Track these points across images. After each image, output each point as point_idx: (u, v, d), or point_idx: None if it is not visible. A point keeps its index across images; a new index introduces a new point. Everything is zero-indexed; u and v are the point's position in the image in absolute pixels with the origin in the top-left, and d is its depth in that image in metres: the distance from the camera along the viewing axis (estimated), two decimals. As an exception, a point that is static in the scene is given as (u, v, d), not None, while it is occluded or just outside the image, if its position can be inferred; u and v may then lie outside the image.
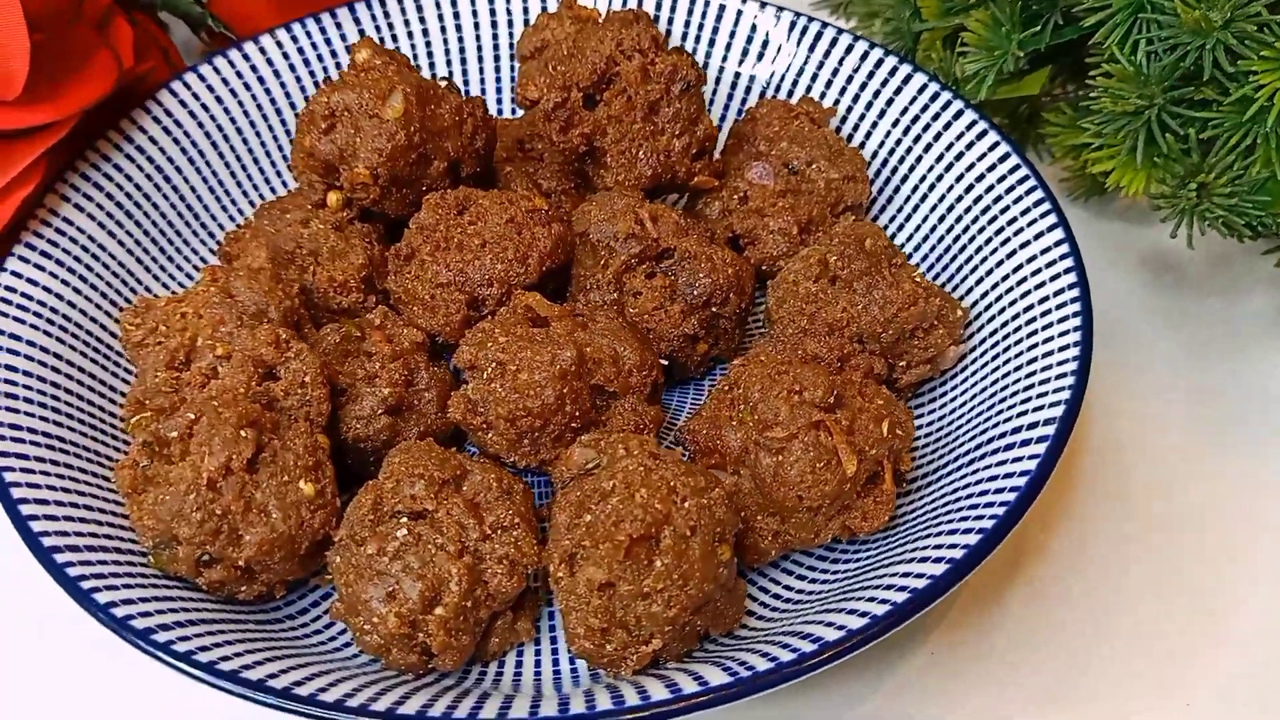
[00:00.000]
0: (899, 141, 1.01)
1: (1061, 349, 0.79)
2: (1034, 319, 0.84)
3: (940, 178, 0.98)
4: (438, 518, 0.72)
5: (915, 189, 0.99)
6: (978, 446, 0.79)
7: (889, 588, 0.68)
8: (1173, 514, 0.87)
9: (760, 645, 0.68)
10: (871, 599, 0.68)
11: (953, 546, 0.69)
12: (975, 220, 0.94)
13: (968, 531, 0.69)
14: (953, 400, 0.86)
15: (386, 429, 0.81)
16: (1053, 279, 0.85)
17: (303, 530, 0.72)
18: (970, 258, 0.93)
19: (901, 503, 0.79)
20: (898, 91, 1.02)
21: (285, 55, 1.06)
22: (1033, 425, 0.76)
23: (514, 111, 1.12)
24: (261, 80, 1.05)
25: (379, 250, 0.92)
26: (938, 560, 0.68)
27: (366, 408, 0.81)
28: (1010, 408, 0.79)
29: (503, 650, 0.75)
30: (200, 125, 1.02)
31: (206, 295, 0.82)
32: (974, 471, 0.76)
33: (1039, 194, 0.90)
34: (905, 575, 0.69)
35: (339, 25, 1.08)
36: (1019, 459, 0.74)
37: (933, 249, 0.97)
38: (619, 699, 0.64)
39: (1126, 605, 0.82)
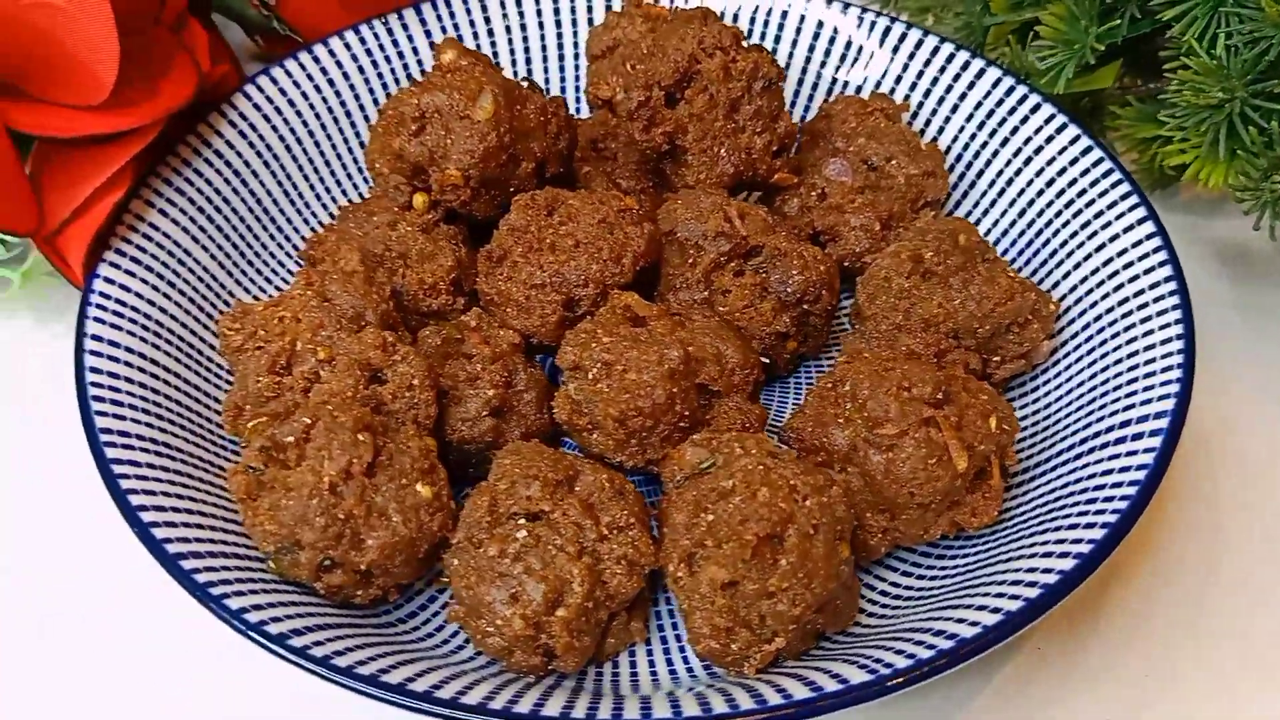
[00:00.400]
0: (973, 136, 1.02)
1: (1164, 341, 0.80)
2: (1130, 312, 0.84)
3: (1019, 171, 0.98)
4: (554, 519, 0.72)
5: (992, 183, 1.00)
6: (1083, 441, 0.79)
7: (1016, 583, 0.68)
8: (1264, 510, 0.87)
9: (888, 642, 0.68)
10: (1000, 594, 0.68)
11: (1077, 541, 0.69)
12: (1059, 214, 0.94)
13: (1090, 526, 0.70)
14: (1049, 395, 0.86)
15: (490, 430, 0.81)
16: (1147, 272, 0.85)
17: (422, 533, 0.72)
18: (1054, 251, 0.93)
19: (1007, 498, 0.79)
20: (971, 86, 1.02)
21: (354, 57, 1.06)
22: (1143, 419, 0.76)
23: (579, 110, 1.11)
24: (331, 83, 1.05)
25: (465, 252, 0.92)
26: (1063, 555, 0.68)
27: (471, 409, 0.81)
28: (1115, 401, 0.79)
29: (617, 650, 0.75)
30: (274, 129, 1.01)
31: (304, 299, 0.82)
32: (1084, 466, 0.77)
33: (1125, 186, 0.90)
34: (1031, 571, 0.69)
35: (405, 26, 1.08)
36: (1133, 452, 0.74)
37: (1013, 243, 0.97)
38: (760, 699, 0.64)
39: (1225, 601, 0.83)
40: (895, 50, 1.06)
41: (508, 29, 1.11)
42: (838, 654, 0.70)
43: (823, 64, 1.09)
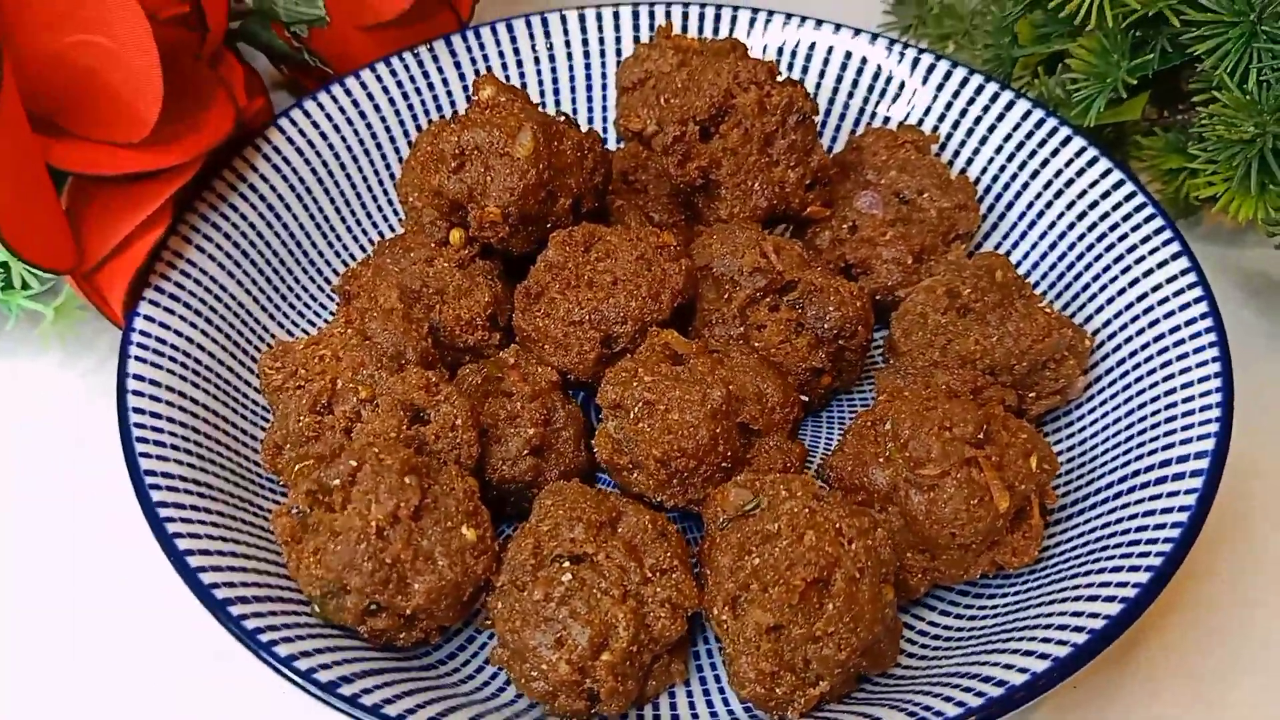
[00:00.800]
0: (1003, 168, 1.02)
1: (1202, 379, 0.80)
2: (1166, 349, 0.84)
3: (1050, 204, 0.98)
4: (599, 561, 0.72)
5: (1023, 215, 1.00)
6: (1122, 479, 0.79)
7: (1062, 628, 0.69)
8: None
9: (934, 688, 0.68)
10: (1046, 639, 0.68)
11: (1122, 585, 0.69)
12: (1091, 247, 0.94)
13: (1134, 570, 0.70)
14: (1084, 430, 0.86)
15: (530, 469, 0.81)
16: (1182, 307, 0.85)
17: (467, 576, 0.72)
18: (1087, 285, 0.93)
19: (1046, 536, 0.80)
20: (1000, 118, 1.03)
21: (385, 89, 1.06)
22: (1183, 459, 0.76)
23: (607, 142, 1.12)
24: (363, 115, 1.05)
25: (501, 287, 0.92)
26: (1109, 600, 0.69)
27: (512, 449, 0.81)
28: (1153, 440, 0.79)
29: (658, 692, 0.76)
30: (307, 162, 1.02)
31: (344, 338, 0.82)
32: (1124, 506, 0.77)
33: (1159, 221, 0.91)
34: (1076, 615, 0.69)
35: (436, 58, 1.09)
36: (1175, 493, 0.74)
37: (1044, 276, 0.97)
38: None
39: (1266, 638, 0.83)
40: (925, 81, 1.06)
41: (536, 60, 1.12)
42: (882, 698, 0.70)
43: (850, 95, 1.10)
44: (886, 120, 1.08)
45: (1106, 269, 0.92)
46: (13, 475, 0.92)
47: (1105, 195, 0.95)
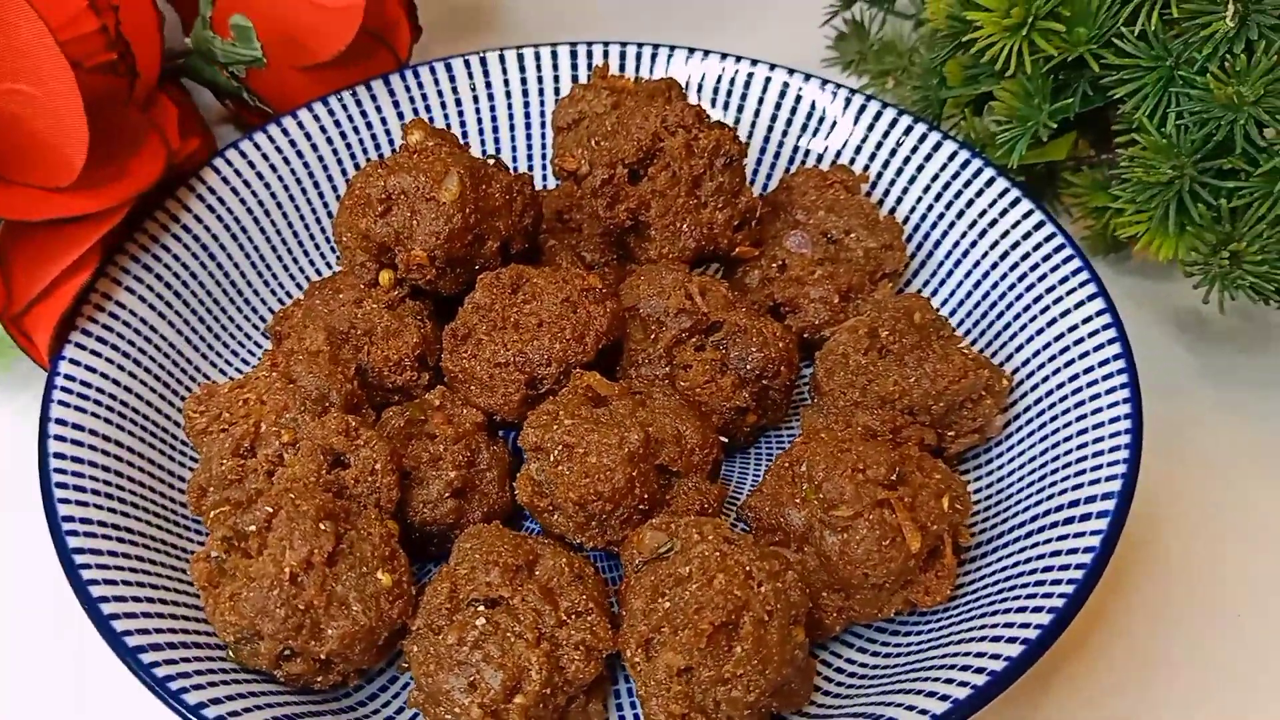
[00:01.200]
0: (930, 208, 1.04)
1: (1113, 420, 0.82)
2: (1080, 389, 0.86)
3: (974, 244, 1.00)
4: (514, 605, 0.73)
5: (949, 255, 1.02)
6: (1033, 519, 0.81)
7: (965, 669, 0.70)
8: (1215, 581, 0.89)
9: (840, 728, 0.69)
10: (949, 680, 0.69)
11: (1025, 626, 0.70)
12: (1012, 287, 0.96)
13: (1037, 610, 0.71)
14: (1001, 469, 0.88)
15: (452, 512, 0.82)
16: (1096, 349, 0.87)
17: (382, 621, 0.73)
18: (1009, 324, 0.95)
19: (960, 575, 0.81)
20: (928, 158, 1.04)
21: (323, 129, 1.07)
22: (1090, 499, 0.78)
23: (545, 180, 1.13)
24: (300, 155, 1.06)
25: (430, 328, 0.93)
26: (1011, 640, 0.70)
27: (433, 492, 0.82)
28: (1064, 479, 0.81)
29: (576, 733, 0.76)
30: (242, 202, 1.03)
31: (269, 381, 0.83)
32: (1033, 545, 0.78)
33: (1076, 262, 0.93)
34: (979, 655, 0.70)
35: (374, 98, 1.10)
36: (1080, 534, 0.75)
37: (968, 314, 0.99)
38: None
39: (1177, 663, 0.84)
40: (856, 120, 1.08)
41: (475, 99, 1.13)
42: (793, 738, 0.71)
43: (785, 131, 1.11)
44: (820, 158, 1.09)
45: (1026, 308, 0.94)
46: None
47: (1026, 236, 0.97)
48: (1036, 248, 0.96)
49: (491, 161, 0.94)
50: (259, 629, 0.71)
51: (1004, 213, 0.99)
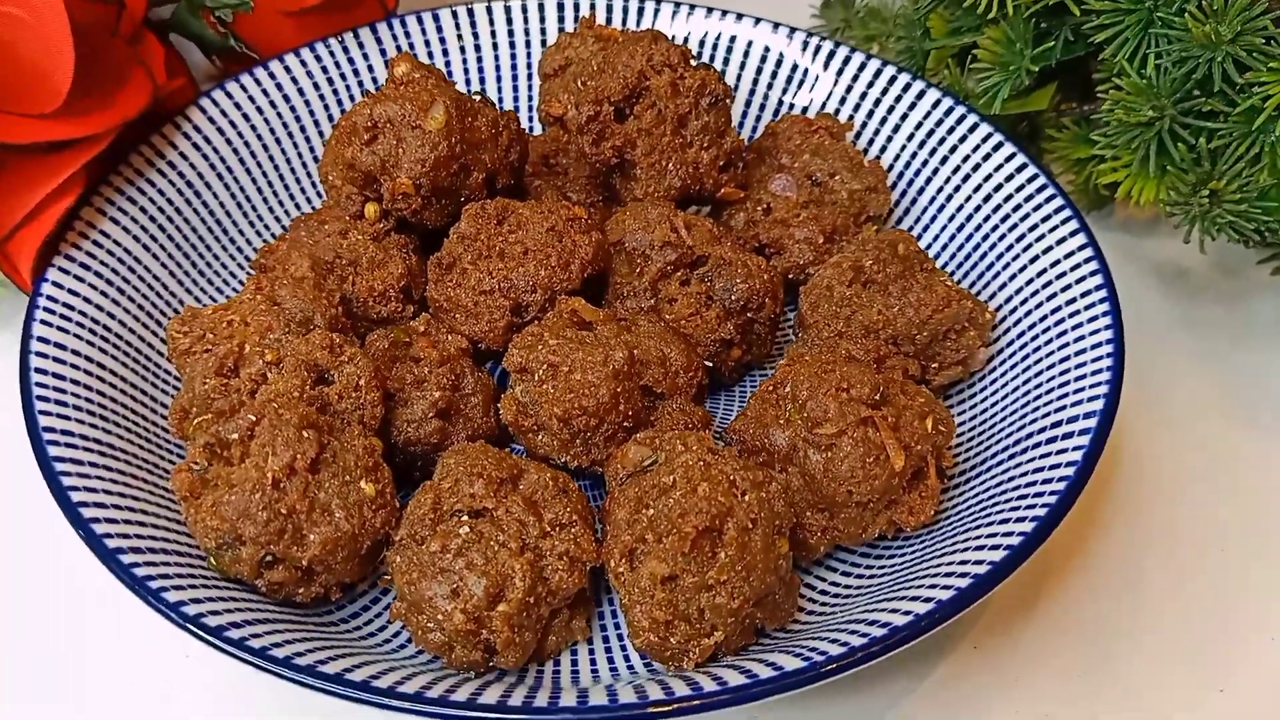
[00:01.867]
0: (914, 155, 1.04)
1: (1095, 345, 0.82)
2: (1062, 320, 0.86)
3: (958, 188, 1.01)
4: (498, 515, 0.73)
5: (933, 200, 1.02)
6: (1016, 443, 0.81)
7: (949, 574, 0.70)
8: (1192, 519, 0.90)
9: (824, 634, 0.69)
10: (933, 586, 0.69)
11: (1008, 534, 0.71)
12: (995, 229, 0.96)
13: (1021, 520, 0.71)
14: (985, 400, 0.88)
15: (436, 432, 0.82)
16: (1079, 281, 0.88)
17: (365, 529, 0.72)
18: (991, 264, 0.95)
19: (943, 498, 0.81)
20: (912, 107, 1.05)
21: (309, 74, 1.07)
22: (1073, 419, 0.78)
23: (531, 128, 1.13)
24: (286, 99, 1.06)
25: (415, 261, 0.93)
26: (994, 548, 0.70)
27: (418, 411, 0.81)
28: (1047, 404, 0.81)
29: (559, 649, 0.76)
30: (228, 142, 1.02)
31: (253, 303, 0.83)
32: (1016, 466, 0.79)
33: (1059, 200, 0.93)
34: (963, 564, 0.70)
35: (361, 45, 1.10)
36: (1063, 450, 0.76)
37: (952, 256, 0.99)
38: (696, 686, 0.65)
39: (1155, 596, 0.85)
40: (839, 74, 1.09)
41: (462, 49, 1.13)
42: (775, 647, 0.71)
43: (769, 87, 1.12)
44: (805, 111, 1.10)
45: (1010, 248, 0.94)
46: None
47: (1009, 178, 0.97)
48: (1019, 189, 0.96)
49: (478, 98, 0.94)
50: (240, 533, 0.70)
51: (987, 157, 1.00)
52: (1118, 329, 0.83)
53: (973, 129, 1.01)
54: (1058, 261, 0.90)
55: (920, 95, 1.05)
